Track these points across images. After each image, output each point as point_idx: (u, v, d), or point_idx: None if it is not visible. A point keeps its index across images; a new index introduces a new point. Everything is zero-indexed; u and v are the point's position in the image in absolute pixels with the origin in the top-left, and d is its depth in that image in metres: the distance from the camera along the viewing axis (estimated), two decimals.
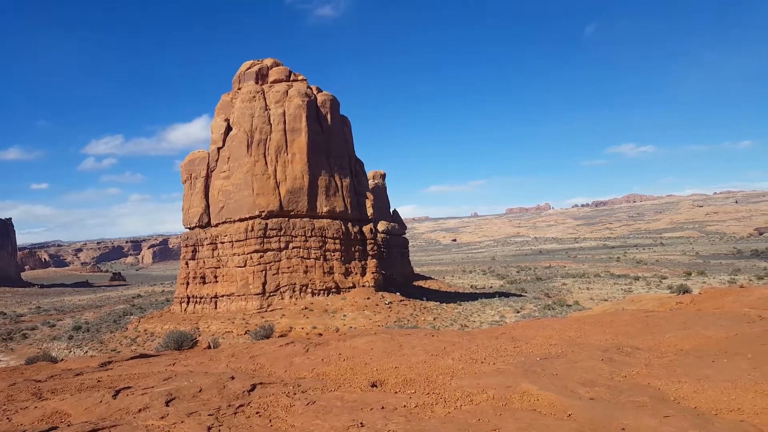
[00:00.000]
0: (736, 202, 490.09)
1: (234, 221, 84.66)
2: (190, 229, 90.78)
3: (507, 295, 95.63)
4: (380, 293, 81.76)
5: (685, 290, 44.10)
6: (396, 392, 10.45)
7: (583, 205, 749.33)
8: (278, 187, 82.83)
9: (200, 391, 10.15)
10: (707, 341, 14.60)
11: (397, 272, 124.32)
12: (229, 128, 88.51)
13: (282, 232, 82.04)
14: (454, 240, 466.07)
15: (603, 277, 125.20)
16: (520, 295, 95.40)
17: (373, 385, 11.02)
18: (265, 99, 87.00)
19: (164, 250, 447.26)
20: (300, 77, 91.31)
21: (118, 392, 10.34)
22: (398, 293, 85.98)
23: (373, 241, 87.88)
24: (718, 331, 15.60)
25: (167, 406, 9.14)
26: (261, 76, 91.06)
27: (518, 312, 70.99)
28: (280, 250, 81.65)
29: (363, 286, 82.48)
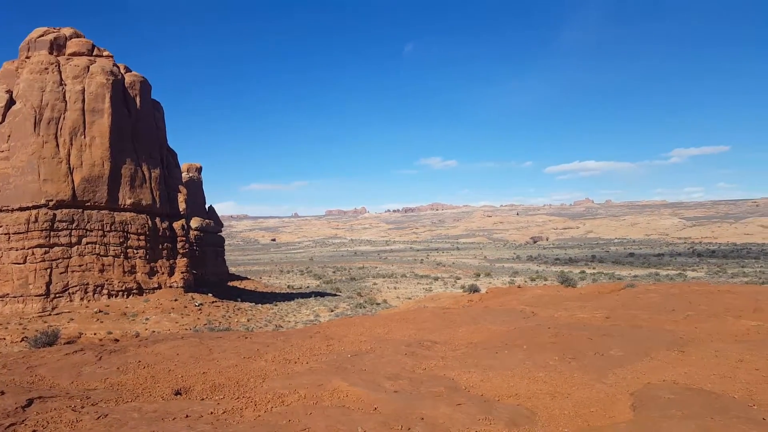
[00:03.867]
0: (518, 213, 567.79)
1: (12, 210, 72.17)
2: None
3: (323, 294, 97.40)
4: (190, 294, 76.92)
5: (475, 289, 49.26)
6: (203, 399, 9.91)
7: (394, 211, 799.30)
8: (72, 174, 72.86)
9: None
10: (493, 334, 16.61)
11: (210, 272, 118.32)
12: (12, 101, 75.27)
13: (74, 225, 72.30)
14: (274, 240, 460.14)
15: (408, 277, 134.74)
16: (335, 295, 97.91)
17: (178, 393, 10.29)
18: (60, 73, 75.94)
19: None
20: (105, 53, 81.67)
21: None
22: (210, 294, 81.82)
23: (184, 238, 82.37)
24: (501, 325, 17.86)
25: None
26: (57, 47, 79.26)
27: (332, 311, 72.74)
28: (71, 245, 71.83)
29: (171, 286, 76.75)
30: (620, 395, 9.86)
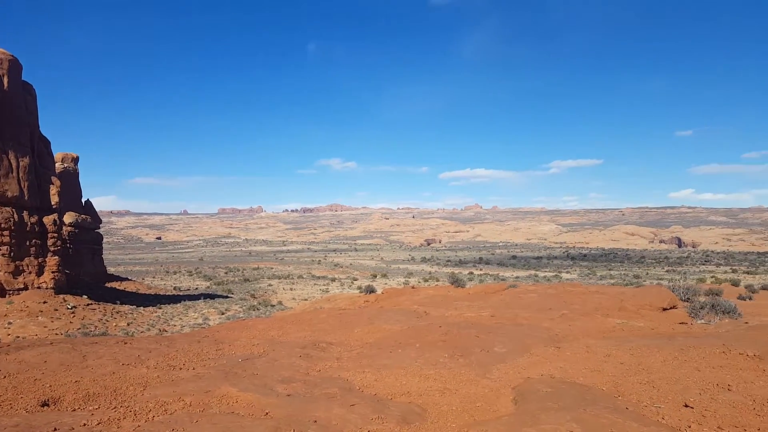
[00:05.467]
0: (413, 216, 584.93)
1: None
2: None
3: (213, 296, 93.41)
4: (62, 296, 70.24)
5: (372, 290, 49.98)
6: (75, 410, 9.05)
7: (293, 211, 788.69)
8: None
9: None
10: (387, 334, 16.90)
11: (86, 272, 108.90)
12: None
13: None
14: (159, 238, 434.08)
15: (305, 279, 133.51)
16: (227, 297, 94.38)
17: (45, 404, 9.31)
18: None
19: None
20: None
21: None
22: (86, 296, 75.30)
23: (56, 234, 75.08)
24: (395, 325, 18.23)
25: None
26: None
27: (223, 314, 69.99)
28: None
29: (39, 287, 69.54)
30: (503, 390, 10.45)
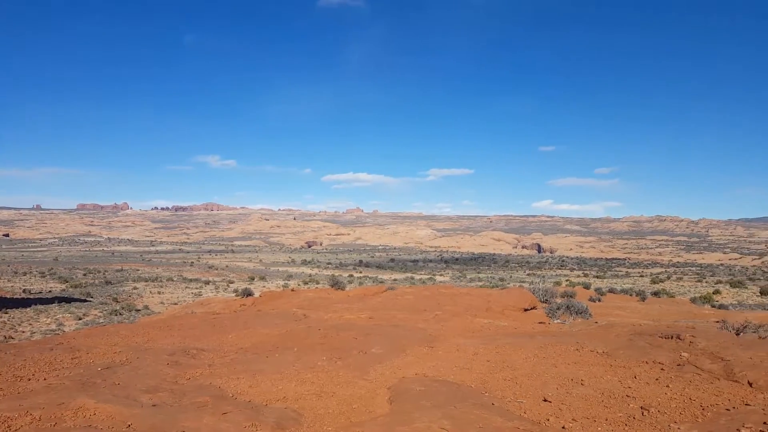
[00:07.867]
0: (295, 218, 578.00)
1: None
2: None
3: (69, 300, 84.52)
4: None
5: (249, 293, 48.49)
6: None
7: (163, 209, 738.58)
8: None
9: None
10: (264, 338, 16.52)
11: None
12: None
13: None
14: (7, 235, 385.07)
15: (176, 281, 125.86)
16: (85, 300, 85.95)
17: None
18: None
19: None
20: None
21: None
22: None
23: None
24: (273, 329, 17.88)
25: None
26: None
27: (80, 319, 63.63)
28: None
29: None
30: (379, 390, 10.68)
